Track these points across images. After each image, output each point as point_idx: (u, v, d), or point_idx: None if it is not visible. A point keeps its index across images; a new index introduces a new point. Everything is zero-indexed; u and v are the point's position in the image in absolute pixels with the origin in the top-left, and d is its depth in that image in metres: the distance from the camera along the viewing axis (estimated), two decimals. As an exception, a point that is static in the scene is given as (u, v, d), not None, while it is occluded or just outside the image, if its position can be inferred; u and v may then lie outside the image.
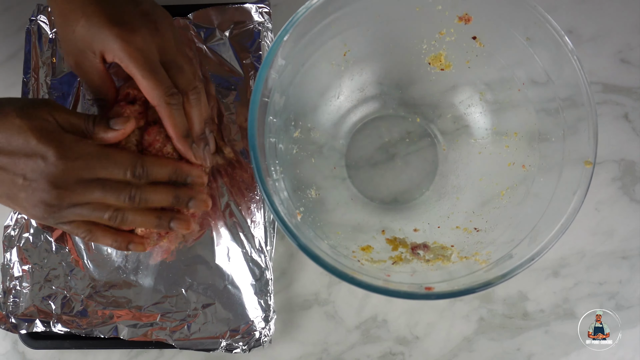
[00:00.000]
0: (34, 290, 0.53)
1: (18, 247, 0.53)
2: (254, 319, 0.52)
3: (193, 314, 0.52)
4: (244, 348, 0.52)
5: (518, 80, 0.49)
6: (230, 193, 0.54)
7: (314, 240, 0.45)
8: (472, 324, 0.55)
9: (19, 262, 0.53)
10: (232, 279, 0.53)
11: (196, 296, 0.53)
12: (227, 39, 0.56)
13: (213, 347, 0.52)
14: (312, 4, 0.44)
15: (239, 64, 0.56)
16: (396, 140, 0.57)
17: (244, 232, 0.53)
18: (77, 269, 0.53)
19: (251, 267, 0.53)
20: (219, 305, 0.53)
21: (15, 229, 0.54)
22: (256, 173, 0.43)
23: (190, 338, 0.52)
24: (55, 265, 0.53)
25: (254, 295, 0.53)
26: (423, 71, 0.54)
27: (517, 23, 0.46)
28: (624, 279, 0.56)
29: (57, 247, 0.54)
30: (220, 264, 0.53)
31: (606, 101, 0.59)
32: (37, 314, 0.52)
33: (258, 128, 0.44)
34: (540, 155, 0.48)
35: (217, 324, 0.52)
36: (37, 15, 0.57)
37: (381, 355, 0.55)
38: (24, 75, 0.57)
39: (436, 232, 0.52)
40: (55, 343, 0.54)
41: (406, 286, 0.43)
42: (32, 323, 0.52)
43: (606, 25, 0.60)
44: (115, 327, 0.52)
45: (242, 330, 0.52)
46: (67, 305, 0.53)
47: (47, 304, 0.53)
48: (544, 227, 0.43)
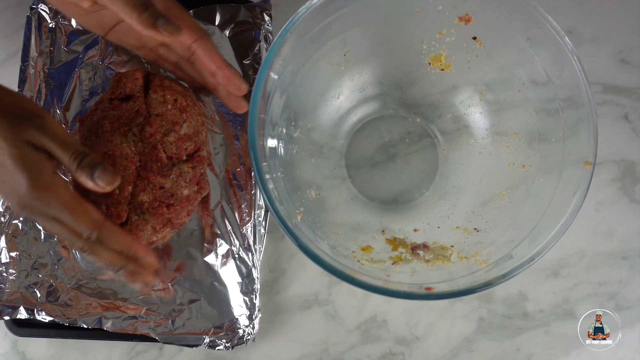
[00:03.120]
0: (20, 278, 0.53)
1: (7, 234, 0.53)
2: (239, 317, 0.52)
3: (178, 309, 0.52)
4: (227, 345, 0.52)
5: (518, 80, 0.49)
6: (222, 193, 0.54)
7: (314, 241, 0.45)
8: (472, 324, 0.55)
9: (6, 248, 0.53)
10: (219, 275, 0.53)
11: (182, 291, 0.53)
12: (227, 39, 0.56)
13: (196, 343, 0.52)
14: (312, 4, 0.44)
15: (238, 64, 0.56)
16: (396, 141, 0.57)
17: (233, 230, 0.54)
18: (64, 259, 0.53)
19: (238, 265, 0.53)
20: (205, 302, 0.53)
21: (5, 216, 0.54)
22: (256, 173, 0.43)
23: (174, 333, 0.52)
24: (43, 253, 0.53)
25: (240, 294, 0.53)
26: (423, 71, 0.54)
27: (517, 23, 0.46)
28: (624, 279, 0.56)
29: (46, 236, 0.54)
30: (208, 260, 0.53)
31: (606, 101, 0.59)
32: (22, 301, 0.52)
33: (258, 128, 0.44)
34: (540, 156, 0.48)
35: (201, 320, 0.52)
36: (38, 4, 0.57)
37: (381, 355, 0.55)
38: (22, 63, 0.57)
39: (436, 233, 0.52)
40: (40, 331, 0.54)
41: (406, 286, 0.43)
42: (16, 310, 0.52)
43: (606, 25, 0.60)
44: (99, 319, 0.52)
45: (226, 327, 0.52)
46: (52, 294, 0.53)
47: (32, 291, 0.53)
48: (544, 228, 0.43)
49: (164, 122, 0.50)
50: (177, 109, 0.51)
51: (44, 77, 0.56)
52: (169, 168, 0.50)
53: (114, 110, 0.51)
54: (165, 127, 0.50)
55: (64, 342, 0.55)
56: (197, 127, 0.52)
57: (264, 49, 0.56)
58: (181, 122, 0.50)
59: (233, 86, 0.50)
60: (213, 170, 0.54)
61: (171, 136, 0.50)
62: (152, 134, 0.49)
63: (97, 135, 0.50)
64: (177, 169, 0.50)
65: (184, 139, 0.50)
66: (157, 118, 0.50)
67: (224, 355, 0.55)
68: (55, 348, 0.55)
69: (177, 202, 0.50)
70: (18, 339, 0.55)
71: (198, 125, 0.52)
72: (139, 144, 0.49)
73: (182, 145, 0.50)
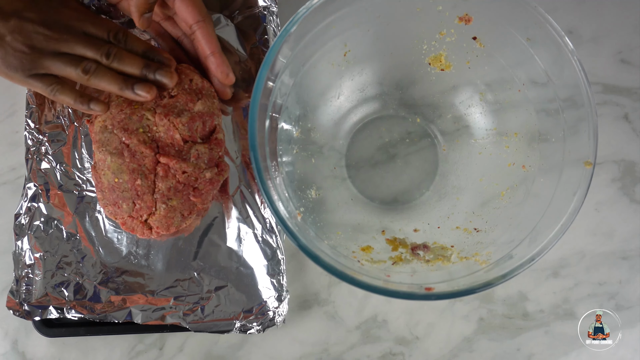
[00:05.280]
0: (46, 278, 0.53)
1: (29, 235, 0.53)
2: (267, 299, 0.52)
3: (206, 297, 0.52)
4: (258, 328, 0.52)
5: (518, 80, 0.49)
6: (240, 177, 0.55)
7: (314, 241, 0.45)
8: (472, 324, 0.55)
9: (30, 250, 0.53)
10: (244, 260, 0.53)
11: (208, 279, 0.53)
12: (232, 26, 0.56)
13: (227, 329, 0.52)
14: (312, 4, 0.44)
15: (244, 49, 0.56)
16: (396, 141, 0.57)
17: (254, 213, 0.54)
18: (88, 256, 0.53)
19: (263, 248, 0.53)
20: (232, 287, 0.53)
21: (26, 217, 0.54)
22: (256, 173, 0.43)
23: (204, 320, 0.52)
24: (67, 252, 0.53)
25: (267, 276, 0.53)
26: (423, 71, 0.54)
27: (517, 23, 0.46)
28: (624, 279, 0.56)
29: (68, 234, 0.54)
30: (232, 246, 0.53)
31: (606, 102, 0.59)
32: (51, 301, 0.52)
33: (258, 128, 0.44)
34: (540, 156, 0.48)
35: (230, 306, 0.52)
36: None
37: (381, 356, 0.55)
38: None
39: (436, 233, 0.52)
40: (70, 330, 0.54)
41: (406, 286, 0.43)
42: (46, 310, 0.52)
43: (606, 25, 0.60)
44: (129, 312, 0.52)
45: (256, 310, 0.52)
46: (79, 292, 0.53)
47: (59, 291, 0.53)
48: (544, 228, 0.43)
49: (178, 102, 0.51)
50: (193, 90, 0.52)
51: None
52: (187, 151, 0.50)
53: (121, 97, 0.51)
54: (179, 107, 0.51)
55: (64, 341, 0.55)
56: (212, 109, 0.52)
57: (271, 32, 0.56)
58: (195, 100, 0.51)
59: (221, 74, 0.52)
60: (229, 156, 0.55)
61: (184, 116, 0.50)
62: (167, 114, 0.50)
63: (113, 126, 0.50)
64: (195, 151, 0.50)
65: (196, 118, 0.51)
66: (171, 100, 0.51)
67: (224, 354, 0.55)
68: (56, 348, 0.55)
69: (201, 186, 0.51)
70: (18, 339, 0.55)
71: (213, 108, 0.53)
72: (153, 127, 0.50)
73: (193, 125, 0.51)
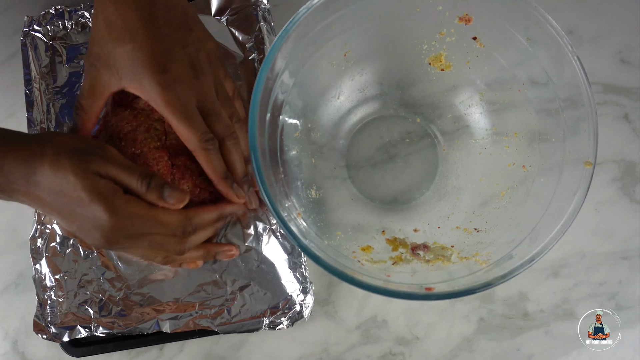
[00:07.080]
0: (69, 298, 0.53)
1: (47, 258, 0.53)
2: (292, 293, 0.53)
3: (231, 298, 0.52)
4: (287, 323, 0.52)
5: (518, 80, 0.49)
6: None
7: (314, 241, 0.45)
8: (472, 324, 0.55)
9: (50, 272, 0.53)
10: (264, 256, 0.53)
11: (231, 280, 0.53)
12: (225, 26, 0.56)
13: (256, 327, 0.52)
14: (312, 4, 0.44)
15: (239, 48, 0.56)
16: (396, 141, 0.57)
17: None
18: (108, 272, 0.53)
19: (282, 242, 0.53)
20: (256, 285, 0.53)
21: (41, 240, 0.53)
22: (256, 173, 0.43)
23: (232, 322, 0.52)
24: (86, 270, 0.53)
25: (289, 270, 0.53)
26: (423, 71, 0.54)
27: (517, 23, 0.46)
28: (624, 279, 0.56)
29: (85, 252, 0.53)
30: (250, 244, 0.53)
31: (606, 101, 0.59)
32: (77, 321, 0.52)
33: (258, 128, 0.44)
34: (540, 156, 0.48)
35: (256, 304, 0.52)
36: (29, 27, 0.57)
37: (381, 356, 0.55)
38: (26, 87, 0.56)
39: (436, 233, 0.52)
40: (98, 347, 0.53)
41: (406, 286, 0.43)
42: (74, 330, 0.52)
43: (606, 25, 0.60)
44: (156, 322, 0.52)
45: (282, 306, 0.52)
46: (104, 308, 0.52)
47: (84, 309, 0.52)
48: (544, 228, 0.43)
49: None
50: None
51: (50, 96, 0.56)
52: None
53: (126, 110, 0.50)
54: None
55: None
56: None
57: (264, 29, 0.56)
58: None
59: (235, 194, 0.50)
60: None
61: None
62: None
63: (120, 139, 0.49)
64: None
65: None
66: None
67: (224, 354, 0.55)
68: (56, 348, 0.55)
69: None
70: (18, 339, 0.55)
71: None
72: (162, 137, 0.49)
73: None
